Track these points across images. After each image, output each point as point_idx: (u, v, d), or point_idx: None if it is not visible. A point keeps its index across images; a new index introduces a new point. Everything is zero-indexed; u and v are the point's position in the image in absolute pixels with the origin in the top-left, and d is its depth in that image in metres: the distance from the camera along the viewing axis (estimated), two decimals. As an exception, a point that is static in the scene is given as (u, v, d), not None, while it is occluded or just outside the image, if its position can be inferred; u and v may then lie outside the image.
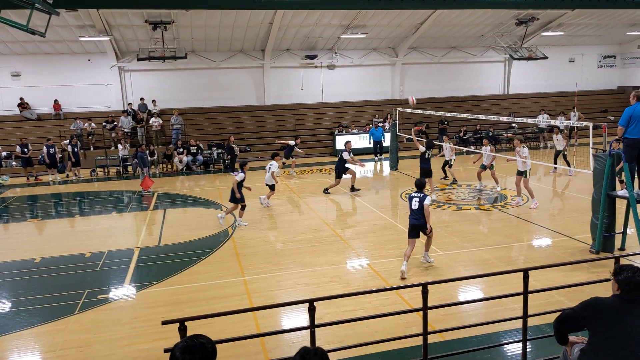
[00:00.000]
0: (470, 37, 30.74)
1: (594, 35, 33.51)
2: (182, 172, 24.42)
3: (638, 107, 10.41)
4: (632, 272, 4.38)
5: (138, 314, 8.88)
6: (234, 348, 7.22)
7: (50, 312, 9.05)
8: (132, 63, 27.63)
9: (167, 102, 28.44)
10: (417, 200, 10.35)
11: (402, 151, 25.68)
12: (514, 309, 7.94)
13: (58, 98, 27.42)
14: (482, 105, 31.55)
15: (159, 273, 10.86)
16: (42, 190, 21.38)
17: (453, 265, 10.78)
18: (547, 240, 12.36)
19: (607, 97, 35.24)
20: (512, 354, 7.11)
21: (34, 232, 15.33)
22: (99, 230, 14.86)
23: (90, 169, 24.35)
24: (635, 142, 10.50)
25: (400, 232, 13.16)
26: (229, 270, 10.82)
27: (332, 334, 7.65)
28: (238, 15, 24.27)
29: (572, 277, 9.56)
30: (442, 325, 7.88)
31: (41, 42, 24.94)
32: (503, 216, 14.51)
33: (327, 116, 30.46)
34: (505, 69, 34.22)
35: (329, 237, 13.01)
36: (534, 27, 29.68)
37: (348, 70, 31.33)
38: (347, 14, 25.45)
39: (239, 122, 28.98)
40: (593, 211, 11.14)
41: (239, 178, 14.31)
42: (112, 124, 26.65)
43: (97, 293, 9.85)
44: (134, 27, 24.95)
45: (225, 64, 29.13)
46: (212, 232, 13.90)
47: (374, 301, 8.80)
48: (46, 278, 10.93)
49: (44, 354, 7.70)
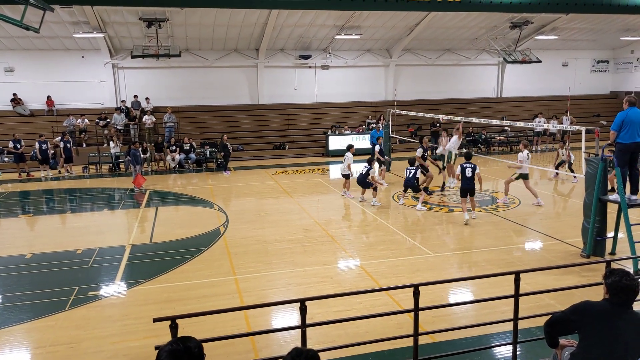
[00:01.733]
0: (464, 39, 30.82)
1: (587, 40, 33.68)
2: (174, 170, 24.35)
3: (630, 112, 10.47)
4: (620, 276, 4.40)
5: (129, 311, 8.86)
6: (224, 347, 7.21)
7: (40, 309, 9.01)
8: (125, 60, 27.53)
9: (161, 100, 28.35)
10: (470, 169, 13.80)
11: (395, 152, 25.72)
12: (505, 311, 7.97)
13: (51, 94, 27.28)
14: (475, 108, 31.61)
15: (150, 271, 10.83)
16: (34, 186, 21.27)
17: (444, 267, 10.81)
18: (538, 243, 12.42)
19: (600, 102, 35.44)
20: (503, 356, 7.15)
21: (25, 227, 15.27)
22: (91, 227, 14.81)
23: (82, 166, 24.26)
24: (627, 147, 10.56)
25: (392, 233, 13.22)
26: (220, 269, 10.81)
27: (323, 334, 7.66)
28: (233, 14, 24.24)
29: (562, 280, 9.62)
30: (432, 326, 7.90)
31: (35, 38, 24.80)
32: (495, 219, 14.56)
33: (320, 116, 30.47)
34: (499, 72, 34.34)
35: (320, 237, 13.02)
36: (528, 31, 29.80)
37: (342, 71, 31.34)
38: (341, 15, 25.45)
39: (232, 121, 28.92)
40: (584, 215, 11.19)
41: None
42: (105, 121, 26.55)
43: (88, 290, 9.82)
44: (128, 24, 24.86)
45: (219, 63, 29.09)
46: (204, 230, 13.88)
47: (365, 302, 8.81)
48: (37, 274, 10.88)
49: (34, 349, 7.66)
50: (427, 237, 12.68)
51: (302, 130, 29.76)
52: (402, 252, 11.76)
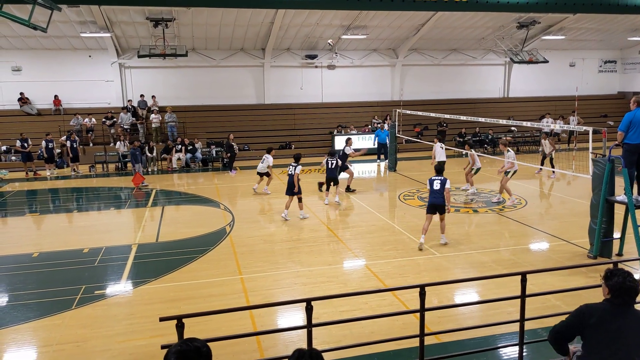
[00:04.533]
0: (470, 39, 30.74)
1: (594, 40, 33.53)
2: (180, 170, 24.39)
3: (638, 112, 10.42)
4: (622, 277, 4.37)
5: (135, 311, 8.88)
6: (230, 346, 7.22)
7: (47, 307, 9.05)
8: (132, 60, 27.62)
9: (167, 99, 28.39)
10: (439, 182, 11.88)
11: (401, 152, 25.69)
12: (511, 312, 7.96)
13: (58, 93, 27.39)
14: (481, 108, 31.55)
15: (156, 270, 10.85)
16: (40, 185, 21.36)
17: (450, 267, 10.80)
18: (544, 244, 12.38)
19: (607, 102, 35.28)
20: (509, 357, 7.13)
21: (32, 226, 15.33)
22: (97, 226, 14.87)
23: (89, 165, 24.35)
24: (634, 148, 10.51)
25: (398, 234, 13.20)
26: (227, 269, 10.82)
27: (329, 334, 7.65)
28: (239, 13, 24.26)
29: (569, 281, 9.59)
30: (438, 327, 7.88)
31: (42, 38, 24.92)
32: (501, 219, 14.52)
33: (326, 116, 30.47)
34: (506, 72, 34.24)
35: (326, 237, 13.02)
36: (535, 31, 29.69)
37: (348, 71, 31.32)
38: (348, 15, 25.45)
39: (238, 120, 28.96)
40: (591, 216, 11.14)
41: (298, 171, 14.62)
42: (111, 120, 26.64)
43: (94, 289, 9.85)
44: (135, 24, 24.94)
45: (225, 63, 29.12)
46: (210, 230, 13.90)
47: (371, 302, 8.80)
48: (44, 273, 10.92)
49: (41, 348, 7.70)
50: (432, 237, 12.65)
51: (308, 130, 29.76)
52: (408, 252, 11.74)
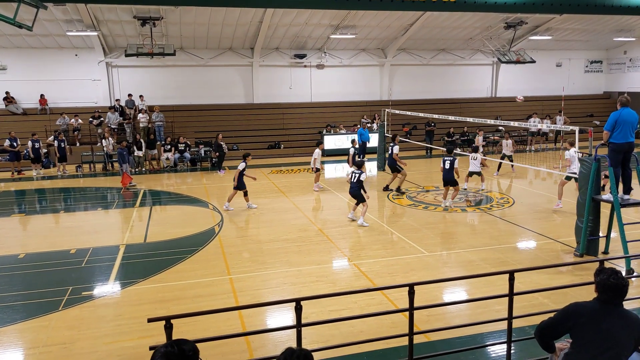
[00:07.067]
0: (458, 39, 30.87)
1: (581, 41, 33.81)
2: (169, 169, 24.28)
3: (624, 112, 10.53)
4: (608, 274, 4.44)
5: (123, 312, 8.83)
6: (219, 347, 7.20)
7: (33, 309, 8.97)
8: (119, 59, 27.44)
9: (155, 98, 28.19)
10: (449, 162, 15.51)
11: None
12: (499, 310, 8.00)
13: (44, 93, 27.13)
14: (469, 108, 31.73)
15: (144, 270, 10.80)
16: (27, 186, 21.16)
17: (439, 266, 10.84)
18: (532, 242, 12.46)
19: (594, 102, 35.59)
20: (497, 355, 7.17)
21: (18, 227, 15.19)
22: (84, 226, 14.75)
23: (76, 165, 24.16)
24: (620, 147, 10.61)
25: (387, 233, 13.23)
26: (215, 269, 10.79)
27: (317, 334, 7.66)
28: (227, 12, 24.19)
29: (556, 279, 9.66)
30: (427, 326, 7.91)
31: (28, 36, 24.70)
32: (489, 218, 14.60)
33: (315, 116, 30.45)
34: (493, 72, 34.43)
35: (315, 236, 13.01)
36: (522, 31, 29.90)
37: (337, 71, 31.33)
38: (336, 14, 25.44)
39: (227, 120, 28.86)
40: (578, 214, 11.22)
41: (240, 167, 15.64)
42: (98, 119, 26.45)
43: (81, 290, 9.78)
44: (123, 22, 24.77)
45: (213, 62, 29.02)
46: (199, 230, 13.86)
47: (360, 301, 8.82)
48: (30, 274, 10.83)
49: (27, 350, 7.63)
50: (421, 236, 12.69)
51: (297, 129, 29.73)
52: (397, 251, 11.78)
